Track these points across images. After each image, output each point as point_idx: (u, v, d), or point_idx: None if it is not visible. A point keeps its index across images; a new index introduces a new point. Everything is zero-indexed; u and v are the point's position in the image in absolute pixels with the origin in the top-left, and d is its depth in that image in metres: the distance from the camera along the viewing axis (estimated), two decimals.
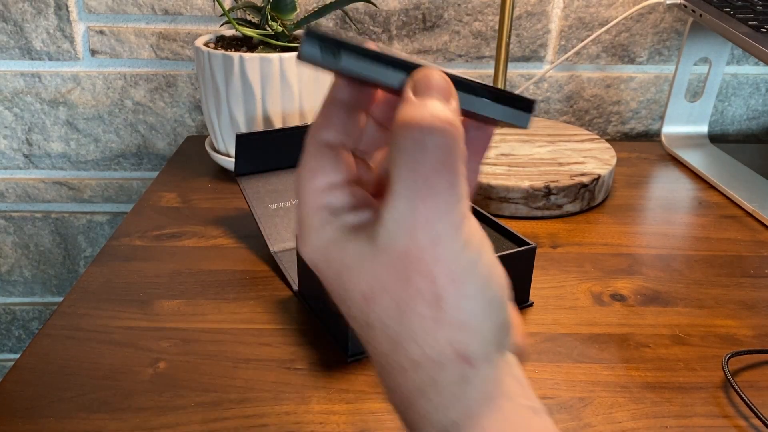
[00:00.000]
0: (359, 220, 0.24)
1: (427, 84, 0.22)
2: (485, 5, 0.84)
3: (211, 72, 0.68)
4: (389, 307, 0.22)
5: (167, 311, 0.50)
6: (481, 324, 0.22)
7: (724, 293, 0.54)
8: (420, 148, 0.21)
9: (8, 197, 0.93)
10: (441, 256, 0.22)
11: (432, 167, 0.21)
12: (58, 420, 0.39)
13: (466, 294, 0.22)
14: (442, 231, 0.22)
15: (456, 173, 0.22)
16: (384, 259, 0.22)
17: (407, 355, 0.22)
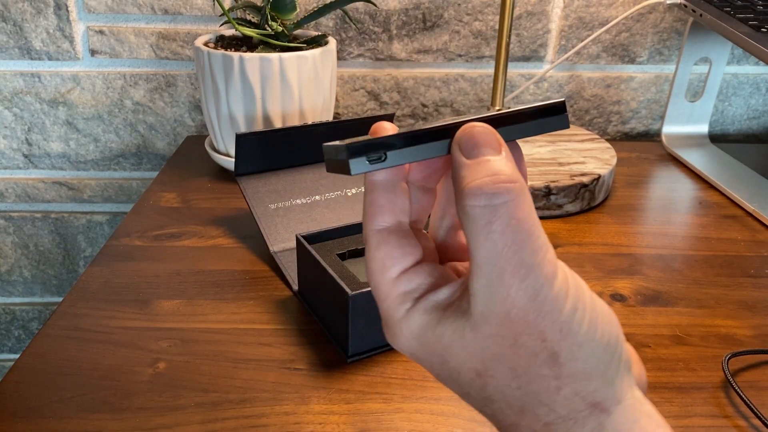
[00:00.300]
0: (444, 298, 0.24)
1: (474, 142, 0.22)
2: (485, 5, 0.84)
3: (210, 72, 0.68)
4: (506, 376, 0.22)
5: (167, 311, 0.50)
6: (603, 367, 0.22)
7: (725, 293, 0.54)
8: (489, 211, 0.21)
9: (8, 197, 0.93)
10: (543, 310, 0.21)
11: (507, 225, 0.21)
12: (57, 420, 0.39)
13: (579, 342, 0.21)
14: (536, 284, 0.21)
15: (531, 223, 0.21)
16: (486, 329, 0.22)
17: (538, 418, 0.22)
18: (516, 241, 0.21)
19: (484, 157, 0.22)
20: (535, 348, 0.21)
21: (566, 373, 0.21)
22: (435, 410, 0.41)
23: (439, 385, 0.43)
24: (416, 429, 0.39)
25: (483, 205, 0.21)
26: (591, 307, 0.22)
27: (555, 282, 0.21)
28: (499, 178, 0.21)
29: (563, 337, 0.21)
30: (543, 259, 0.21)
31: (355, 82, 0.88)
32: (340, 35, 0.85)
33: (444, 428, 0.39)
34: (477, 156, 0.22)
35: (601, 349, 0.22)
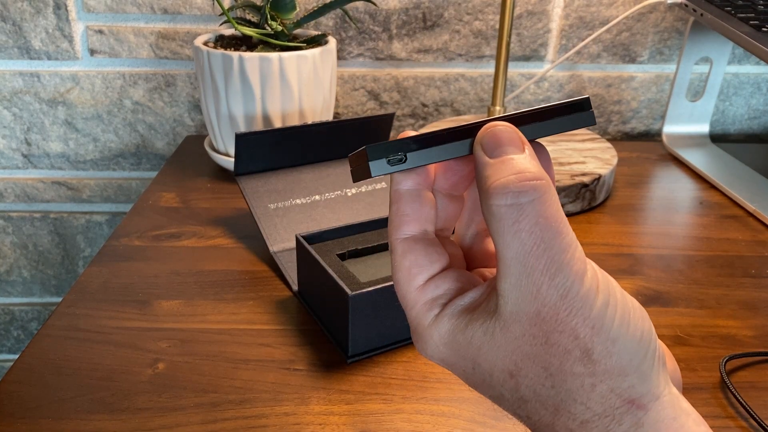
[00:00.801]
0: (471, 301, 0.24)
1: (497, 141, 0.22)
2: (485, 4, 0.84)
3: (210, 71, 0.68)
4: (539, 375, 0.22)
5: (166, 311, 0.50)
6: (638, 362, 0.21)
7: (725, 293, 0.54)
8: (516, 209, 0.21)
9: (7, 197, 0.93)
10: (574, 307, 0.21)
11: (535, 224, 0.21)
12: (56, 420, 0.39)
13: (612, 338, 0.21)
14: (566, 282, 0.21)
15: (559, 221, 0.21)
16: (517, 329, 0.22)
17: (574, 417, 0.22)
18: (544, 239, 0.21)
19: (508, 155, 0.22)
20: (568, 346, 0.21)
21: (601, 369, 0.21)
22: (435, 411, 0.41)
23: (439, 385, 0.43)
24: (416, 429, 0.39)
25: (509, 204, 0.21)
26: (622, 303, 0.22)
27: (585, 279, 0.21)
28: (525, 176, 0.21)
29: (596, 333, 0.21)
30: (572, 257, 0.21)
31: (355, 81, 0.88)
32: (340, 35, 0.85)
33: (444, 429, 0.39)
34: (500, 155, 0.22)
35: (635, 343, 0.21)
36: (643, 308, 0.23)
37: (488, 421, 0.40)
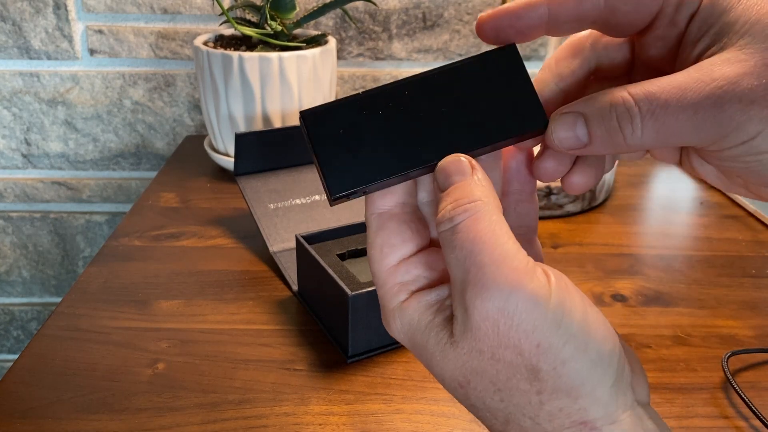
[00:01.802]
0: (437, 299, 0.23)
1: (445, 174, 0.23)
2: (486, 4, 0.84)
3: (210, 71, 0.68)
4: (487, 389, 0.22)
5: (166, 312, 0.50)
6: (592, 385, 0.20)
7: (726, 293, 0.54)
8: (451, 232, 0.21)
9: (7, 197, 0.93)
10: (514, 322, 0.20)
11: (465, 241, 0.21)
12: (56, 420, 0.39)
13: (562, 358, 0.20)
14: (502, 296, 0.20)
15: (493, 234, 0.21)
16: (464, 345, 0.21)
17: (524, 430, 0.21)
18: (474, 253, 0.21)
19: (453, 185, 0.22)
20: (513, 361, 0.21)
21: (548, 388, 0.21)
22: (435, 411, 0.41)
23: (439, 385, 0.43)
24: (416, 429, 0.39)
25: (447, 228, 0.22)
26: (581, 320, 0.21)
27: (525, 292, 0.20)
28: (460, 202, 0.22)
29: (542, 352, 0.20)
30: (509, 269, 0.20)
31: (355, 81, 0.88)
32: (339, 34, 0.85)
33: (444, 429, 0.39)
34: (448, 186, 0.22)
35: (589, 366, 0.20)
36: (609, 326, 0.22)
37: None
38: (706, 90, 0.20)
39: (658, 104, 0.20)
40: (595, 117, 0.22)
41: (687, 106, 0.20)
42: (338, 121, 0.23)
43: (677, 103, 0.20)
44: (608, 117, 0.21)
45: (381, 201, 0.24)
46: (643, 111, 0.21)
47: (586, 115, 0.22)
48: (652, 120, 0.21)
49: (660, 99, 0.20)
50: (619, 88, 0.22)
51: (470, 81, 0.24)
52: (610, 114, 0.21)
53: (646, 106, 0.21)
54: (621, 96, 0.21)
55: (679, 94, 0.20)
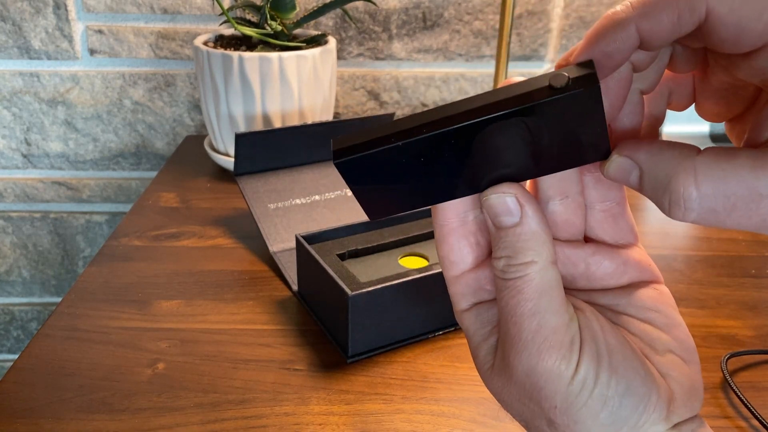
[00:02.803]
0: (494, 317, 0.25)
1: (493, 214, 0.23)
2: (486, 4, 0.84)
3: (210, 71, 0.68)
4: (516, 416, 0.24)
5: (166, 312, 0.50)
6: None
7: (726, 293, 0.54)
8: (502, 284, 0.23)
9: (7, 197, 0.93)
10: (537, 384, 0.22)
11: (512, 299, 0.22)
12: (56, 420, 0.39)
13: (576, 419, 0.22)
14: (530, 362, 0.22)
15: (539, 306, 0.22)
16: (500, 381, 0.24)
17: None
18: (516, 314, 0.22)
19: (504, 230, 0.23)
20: (535, 410, 0.23)
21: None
22: (435, 411, 0.41)
23: (439, 385, 0.43)
24: (416, 429, 0.39)
25: (498, 276, 0.23)
26: (604, 385, 0.22)
27: (551, 366, 0.22)
28: (511, 261, 0.22)
29: (558, 412, 0.22)
30: (543, 340, 0.22)
31: (354, 81, 0.88)
32: (339, 34, 0.85)
33: (444, 429, 0.39)
34: (497, 225, 0.23)
35: (602, 426, 0.22)
36: (645, 383, 0.22)
37: (488, 421, 0.40)
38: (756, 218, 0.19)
39: (726, 207, 0.19)
40: (652, 182, 0.21)
41: (757, 217, 0.19)
42: (375, 167, 0.21)
43: (745, 215, 0.19)
44: (665, 193, 0.20)
45: (442, 214, 0.24)
46: (702, 210, 0.20)
47: (642, 172, 0.21)
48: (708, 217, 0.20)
49: (731, 203, 0.19)
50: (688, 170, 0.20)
51: (532, 120, 0.20)
52: (665, 192, 0.20)
53: (710, 204, 0.20)
54: (688, 191, 0.19)
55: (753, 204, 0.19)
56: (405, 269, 0.49)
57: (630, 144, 0.21)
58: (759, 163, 0.19)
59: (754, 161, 0.19)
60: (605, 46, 0.20)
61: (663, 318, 0.24)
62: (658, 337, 0.24)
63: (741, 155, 0.19)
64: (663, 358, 0.23)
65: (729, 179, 0.19)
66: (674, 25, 0.19)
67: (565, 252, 0.25)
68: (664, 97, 0.24)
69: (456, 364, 0.45)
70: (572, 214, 0.24)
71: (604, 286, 0.25)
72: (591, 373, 0.22)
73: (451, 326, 0.48)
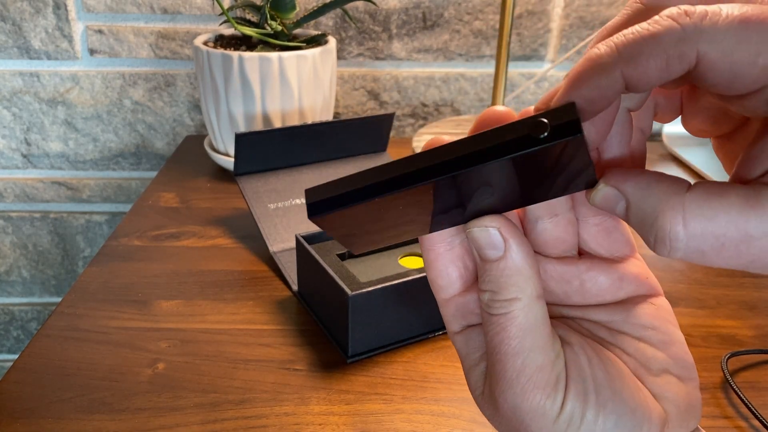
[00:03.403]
0: (476, 351, 0.25)
1: (477, 247, 0.23)
2: (486, 4, 0.84)
3: (210, 71, 0.68)
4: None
5: (166, 312, 0.50)
6: None
7: (726, 293, 0.54)
8: (488, 318, 0.22)
9: (7, 197, 0.93)
10: (524, 421, 0.22)
11: (500, 343, 0.22)
12: (56, 420, 0.39)
13: None
14: (515, 399, 0.22)
15: (524, 344, 0.22)
16: (489, 408, 0.24)
17: None
18: (501, 351, 0.22)
19: (488, 261, 0.22)
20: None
21: None
22: (435, 411, 0.41)
23: (439, 385, 0.43)
24: (416, 429, 0.39)
25: (483, 310, 0.23)
26: (590, 427, 0.22)
27: (536, 405, 0.22)
28: (495, 297, 0.22)
29: None
30: (527, 380, 0.22)
31: (354, 81, 0.88)
32: (339, 34, 0.85)
33: (444, 429, 0.39)
34: (482, 258, 0.23)
35: None
36: (636, 414, 0.22)
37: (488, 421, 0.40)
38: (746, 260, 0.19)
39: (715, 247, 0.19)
40: (638, 216, 0.20)
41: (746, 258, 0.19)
42: (352, 218, 0.21)
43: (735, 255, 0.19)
44: (651, 229, 0.20)
45: (428, 240, 0.24)
46: (689, 249, 0.19)
47: (629, 203, 0.20)
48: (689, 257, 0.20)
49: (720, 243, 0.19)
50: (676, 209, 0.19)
51: (512, 168, 0.19)
52: (651, 228, 0.20)
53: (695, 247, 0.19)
54: (675, 230, 0.19)
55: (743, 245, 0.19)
56: (405, 269, 0.49)
57: (617, 174, 0.21)
58: (750, 203, 0.18)
59: (746, 200, 0.18)
60: (588, 92, 0.18)
61: (660, 335, 0.24)
62: (653, 356, 0.23)
63: (731, 193, 0.19)
64: (658, 378, 0.23)
65: (719, 219, 0.18)
66: (662, 71, 0.18)
67: (558, 269, 0.24)
68: (650, 110, 0.24)
69: (456, 364, 0.45)
70: (563, 231, 0.24)
71: (599, 302, 0.25)
72: (577, 411, 0.22)
73: None
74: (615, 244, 0.25)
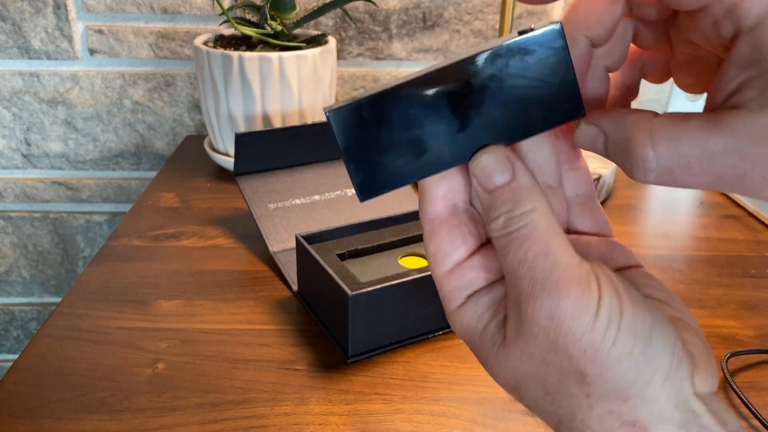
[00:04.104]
0: (493, 299, 0.24)
1: (486, 174, 0.23)
2: (486, 4, 0.84)
3: (210, 71, 0.68)
4: (538, 392, 0.22)
5: (166, 312, 0.50)
6: (640, 386, 0.21)
7: (726, 293, 0.54)
8: (506, 239, 0.22)
9: (7, 197, 0.93)
10: (561, 329, 0.21)
11: (520, 248, 0.21)
12: (56, 420, 0.39)
13: (608, 365, 0.21)
14: (551, 303, 0.21)
15: (546, 243, 0.21)
16: (516, 349, 0.22)
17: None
18: (526, 261, 0.21)
19: (497, 186, 0.22)
20: (563, 366, 0.21)
21: (596, 393, 0.21)
22: (435, 411, 0.41)
23: (439, 385, 0.43)
24: (416, 429, 0.39)
25: (499, 236, 0.22)
26: (630, 322, 0.21)
27: (574, 302, 0.21)
28: (512, 215, 0.22)
29: (588, 358, 0.21)
30: (560, 277, 0.21)
31: (355, 81, 0.88)
32: (339, 34, 0.85)
33: (444, 429, 0.39)
34: (491, 187, 0.23)
35: (636, 368, 0.21)
36: (669, 326, 0.22)
37: (488, 421, 0.40)
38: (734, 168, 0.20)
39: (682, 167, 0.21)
40: (614, 147, 0.22)
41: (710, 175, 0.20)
42: (365, 118, 0.22)
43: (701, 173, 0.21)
44: (626, 156, 0.22)
45: (431, 207, 0.24)
46: (662, 167, 0.21)
47: (607, 138, 0.23)
48: (668, 177, 0.21)
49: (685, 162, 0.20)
50: (645, 133, 0.21)
51: (505, 67, 0.22)
52: (626, 155, 0.22)
53: (666, 164, 0.21)
54: (645, 152, 0.21)
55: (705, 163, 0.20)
56: (405, 269, 0.49)
57: (597, 113, 0.23)
58: (710, 124, 0.20)
59: (706, 122, 0.20)
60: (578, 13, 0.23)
61: (661, 293, 0.24)
62: (662, 309, 0.23)
63: (694, 117, 0.21)
64: (674, 324, 0.23)
65: (682, 139, 0.20)
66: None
67: None
68: (637, 68, 0.26)
69: (456, 364, 0.45)
70: (556, 203, 0.25)
71: None
72: (615, 305, 0.21)
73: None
74: (598, 223, 0.26)
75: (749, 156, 0.20)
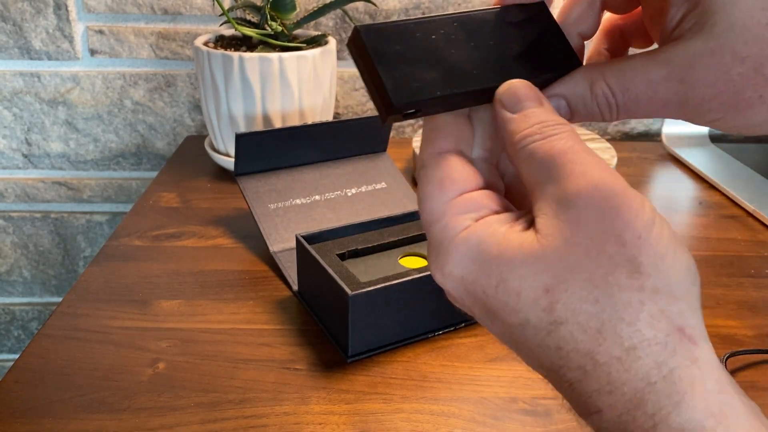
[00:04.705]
0: (510, 217, 0.22)
1: (516, 97, 0.23)
2: (485, 4, 0.84)
3: (210, 72, 0.68)
4: (581, 288, 0.19)
5: (166, 311, 0.50)
6: (687, 289, 0.20)
7: (725, 293, 0.54)
8: (543, 143, 0.22)
9: (7, 197, 0.93)
10: (620, 211, 0.19)
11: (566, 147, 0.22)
12: (57, 420, 0.39)
13: (661, 254, 0.19)
14: (608, 185, 0.20)
15: (588, 149, 0.22)
16: (558, 238, 0.20)
17: (620, 341, 0.19)
18: (571, 152, 0.21)
19: (530, 109, 0.23)
20: (613, 254, 0.19)
21: (650, 285, 0.19)
22: (435, 410, 0.41)
23: (439, 385, 0.43)
24: (416, 429, 0.39)
25: (534, 140, 0.22)
26: (670, 230, 0.20)
27: (629, 190, 0.20)
28: (547, 123, 0.22)
29: (643, 243, 0.19)
30: (607, 169, 0.21)
31: (355, 81, 0.88)
32: (340, 35, 0.85)
33: (444, 428, 0.39)
34: (521, 110, 0.23)
35: (684, 269, 0.20)
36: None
37: (488, 420, 0.40)
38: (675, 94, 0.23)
39: (632, 99, 0.24)
40: (577, 102, 0.25)
41: (658, 103, 0.24)
42: (395, 39, 0.23)
43: (648, 102, 0.24)
44: (590, 105, 0.25)
45: (439, 143, 0.24)
46: (620, 103, 0.24)
47: (567, 99, 0.25)
48: (627, 111, 0.24)
49: (633, 94, 0.24)
50: (597, 74, 0.24)
51: (513, 23, 0.26)
52: (592, 103, 0.24)
53: (621, 99, 0.24)
54: (601, 89, 0.24)
55: (650, 92, 0.23)
56: (405, 269, 0.49)
57: (555, 86, 0.25)
58: (651, 56, 0.24)
59: (648, 56, 0.24)
60: None
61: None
62: None
63: (639, 54, 0.24)
64: None
65: (626, 72, 0.24)
66: None
67: None
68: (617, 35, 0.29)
69: (456, 364, 0.45)
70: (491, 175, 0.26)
71: None
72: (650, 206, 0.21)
73: (451, 326, 0.48)
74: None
75: (687, 79, 0.23)
